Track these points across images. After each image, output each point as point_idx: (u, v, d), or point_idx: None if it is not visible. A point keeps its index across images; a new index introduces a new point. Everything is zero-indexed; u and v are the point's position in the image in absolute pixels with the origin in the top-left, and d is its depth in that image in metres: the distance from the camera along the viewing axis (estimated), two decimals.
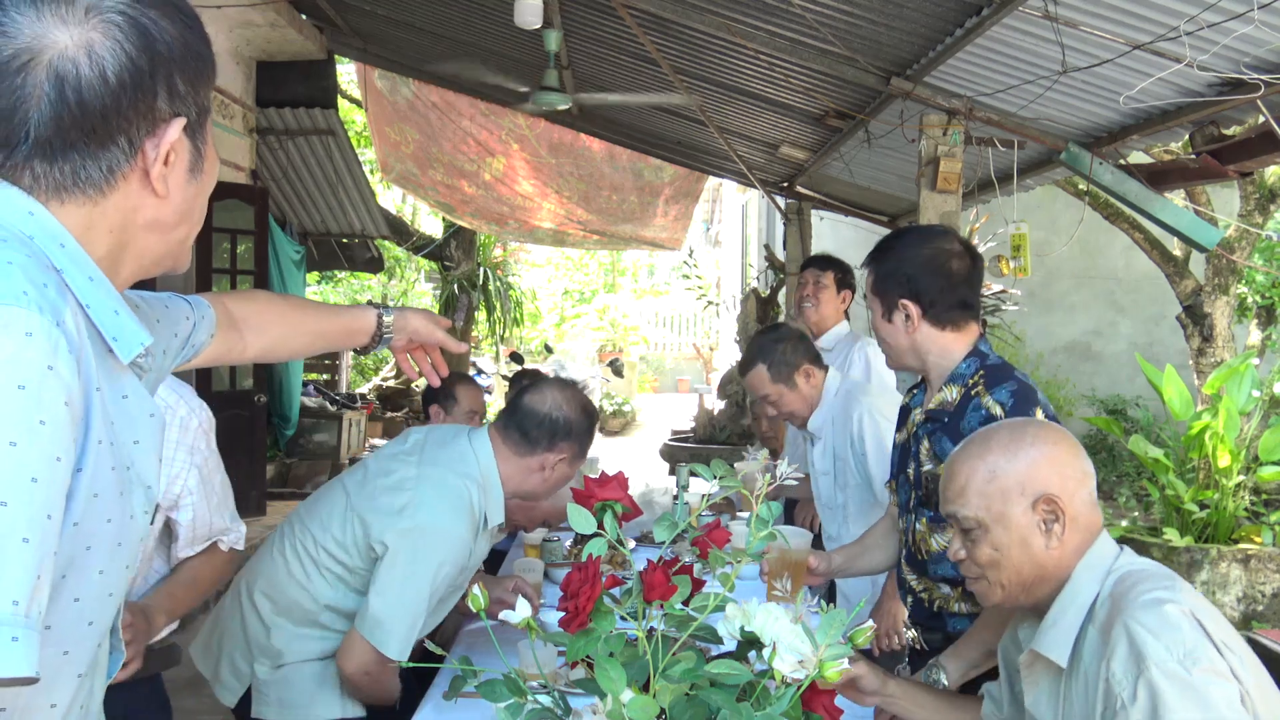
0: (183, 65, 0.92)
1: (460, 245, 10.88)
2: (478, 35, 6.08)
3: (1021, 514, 1.45)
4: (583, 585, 1.33)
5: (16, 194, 0.86)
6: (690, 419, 8.48)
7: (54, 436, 0.77)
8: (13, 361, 0.75)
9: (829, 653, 1.24)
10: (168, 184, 0.92)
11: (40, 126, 0.84)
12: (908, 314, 2.08)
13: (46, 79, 0.84)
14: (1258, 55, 2.91)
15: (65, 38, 0.84)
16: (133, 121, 0.88)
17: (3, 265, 0.79)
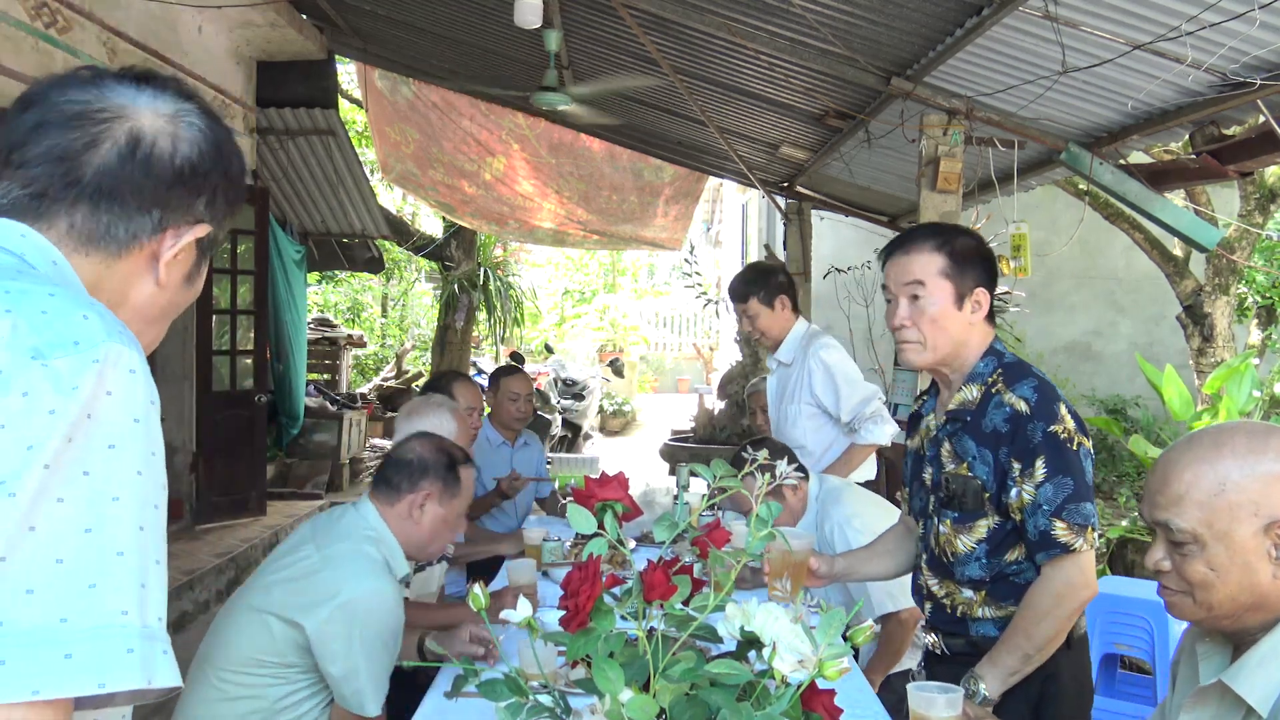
0: (228, 189, 1.02)
1: (460, 245, 10.87)
2: (478, 35, 6.08)
3: (1251, 536, 1.29)
4: (583, 585, 1.33)
5: (43, 240, 0.91)
6: (690, 419, 8.48)
7: (161, 465, 0.84)
8: (126, 397, 0.81)
9: (829, 653, 1.24)
10: (168, 276, 0.99)
11: (101, 171, 0.92)
12: (979, 304, 2.04)
13: (124, 134, 0.93)
14: (1258, 55, 2.91)
15: (152, 118, 0.95)
16: (172, 205, 0.96)
17: (85, 306, 0.84)
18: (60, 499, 0.76)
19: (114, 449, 0.79)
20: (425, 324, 15.17)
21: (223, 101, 6.56)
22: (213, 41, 6.36)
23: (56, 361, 0.78)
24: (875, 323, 8.75)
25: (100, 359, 0.80)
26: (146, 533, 0.80)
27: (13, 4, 4.35)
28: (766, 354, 4.14)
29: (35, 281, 0.85)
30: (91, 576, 0.76)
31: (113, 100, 0.94)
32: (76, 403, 0.78)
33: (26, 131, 0.93)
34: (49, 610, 0.74)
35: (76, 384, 0.78)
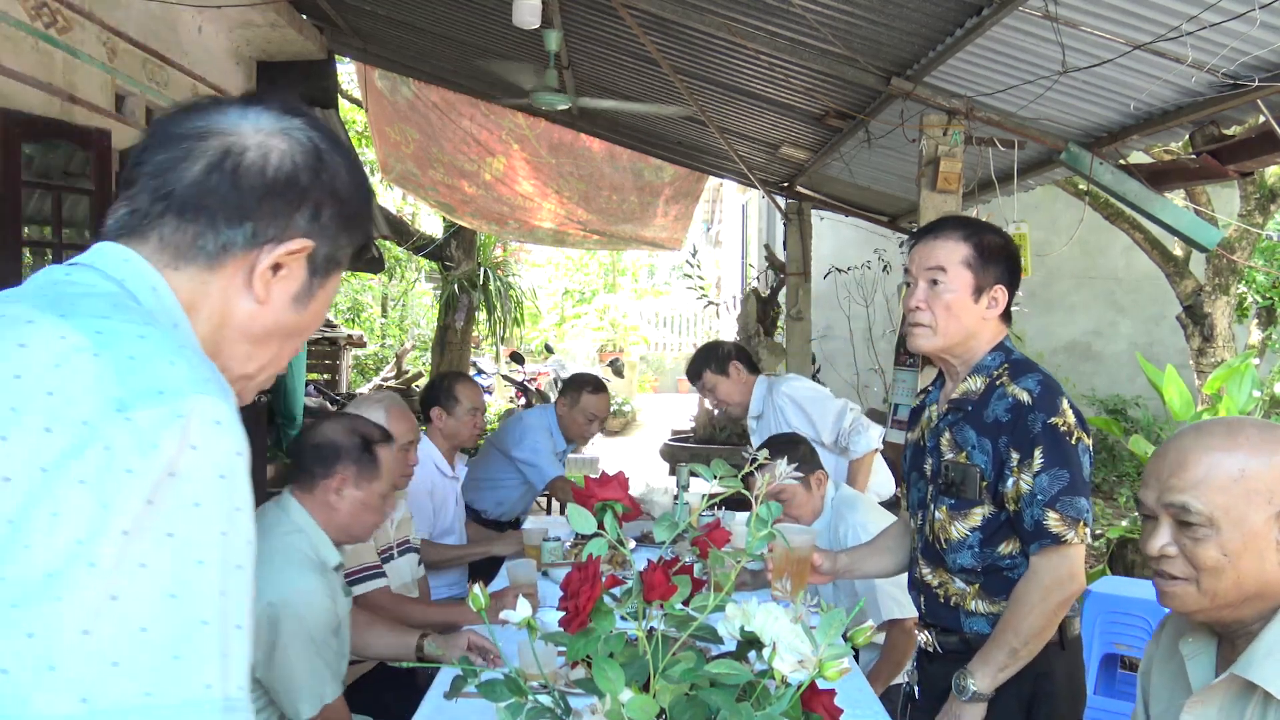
0: (335, 203, 0.99)
1: (460, 245, 10.86)
2: (478, 35, 6.08)
3: (1264, 523, 1.31)
4: (583, 585, 1.33)
5: (144, 265, 0.91)
6: (690, 419, 8.48)
7: (248, 519, 0.81)
8: (211, 451, 0.78)
9: (829, 653, 1.24)
10: (270, 293, 0.96)
11: (190, 183, 0.92)
12: (995, 300, 2.06)
13: (216, 148, 0.93)
14: (1258, 55, 2.91)
15: (251, 134, 0.95)
16: (266, 217, 0.94)
17: (174, 351, 0.82)
18: (143, 564, 0.74)
19: (199, 507, 0.77)
20: (425, 324, 15.17)
21: None
22: (213, 41, 6.36)
23: (139, 414, 0.76)
24: (875, 323, 8.76)
25: (184, 413, 0.78)
26: (228, 598, 0.77)
27: (12, 4, 4.35)
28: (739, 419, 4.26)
29: (129, 319, 0.83)
30: (176, 647, 0.74)
31: (217, 121, 0.95)
32: (158, 461, 0.76)
33: (137, 155, 0.95)
34: (135, 684, 0.72)
35: (158, 441, 0.76)
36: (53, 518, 0.73)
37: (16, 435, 0.75)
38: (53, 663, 0.71)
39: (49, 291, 0.86)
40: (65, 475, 0.74)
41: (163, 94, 5.72)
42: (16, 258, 4.31)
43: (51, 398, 0.76)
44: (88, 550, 0.72)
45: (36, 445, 0.75)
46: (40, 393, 0.76)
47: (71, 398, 0.77)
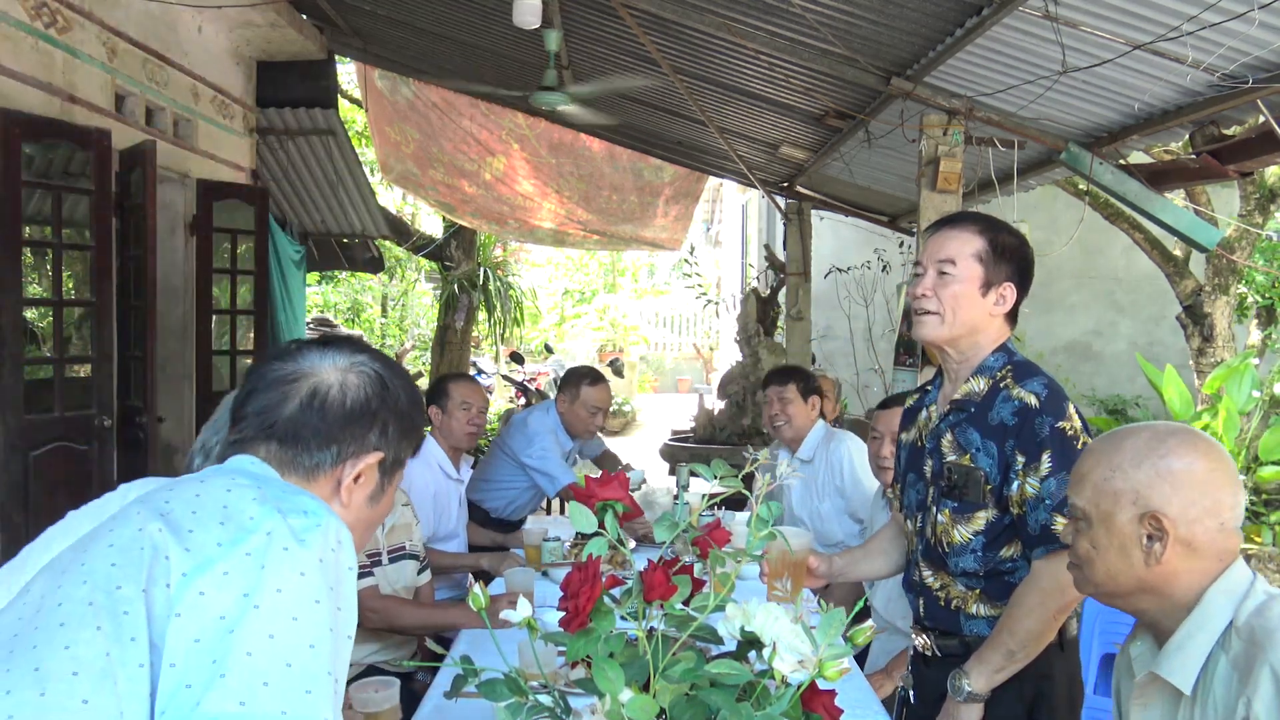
0: (398, 420, 1.27)
1: (460, 245, 10.86)
2: (478, 35, 6.08)
3: (1127, 522, 1.41)
4: (583, 585, 1.33)
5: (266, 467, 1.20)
6: (690, 419, 8.47)
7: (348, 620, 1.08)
8: (335, 562, 1.06)
9: (829, 653, 1.24)
10: (352, 497, 1.24)
11: (288, 419, 1.20)
12: (1003, 297, 2.04)
13: (307, 389, 1.21)
14: (1258, 55, 2.91)
15: (331, 374, 1.23)
16: (347, 439, 1.22)
17: (309, 496, 1.13)
18: (295, 618, 0.99)
19: (331, 591, 1.03)
20: (425, 324, 15.17)
21: (222, 101, 6.57)
22: (213, 41, 6.36)
23: (293, 520, 1.05)
24: (875, 323, 8.76)
25: (322, 524, 1.07)
26: (338, 659, 1.02)
27: (13, 4, 4.35)
28: (779, 450, 4.06)
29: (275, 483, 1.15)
30: (308, 685, 0.97)
31: (303, 365, 1.23)
32: (306, 551, 1.03)
33: (244, 398, 1.23)
34: (277, 703, 0.94)
35: (304, 539, 1.04)
36: (224, 576, 0.98)
37: (199, 528, 1.03)
38: (224, 672, 0.93)
39: (214, 480, 1.13)
40: (235, 550, 1.00)
41: (163, 94, 5.72)
42: (16, 258, 4.31)
43: (225, 509, 1.05)
44: (253, 599, 0.97)
45: (212, 531, 1.03)
46: (217, 505, 1.06)
47: (240, 508, 1.05)
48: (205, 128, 6.30)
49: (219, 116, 6.52)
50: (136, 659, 0.95)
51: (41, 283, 6.40)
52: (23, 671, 0.95)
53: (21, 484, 4.29)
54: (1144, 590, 1.42)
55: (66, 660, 0.94)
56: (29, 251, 5.08)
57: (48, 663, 0.94)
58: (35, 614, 1.00)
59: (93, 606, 0.97)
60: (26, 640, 0.97)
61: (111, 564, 1.00)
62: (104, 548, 1.02)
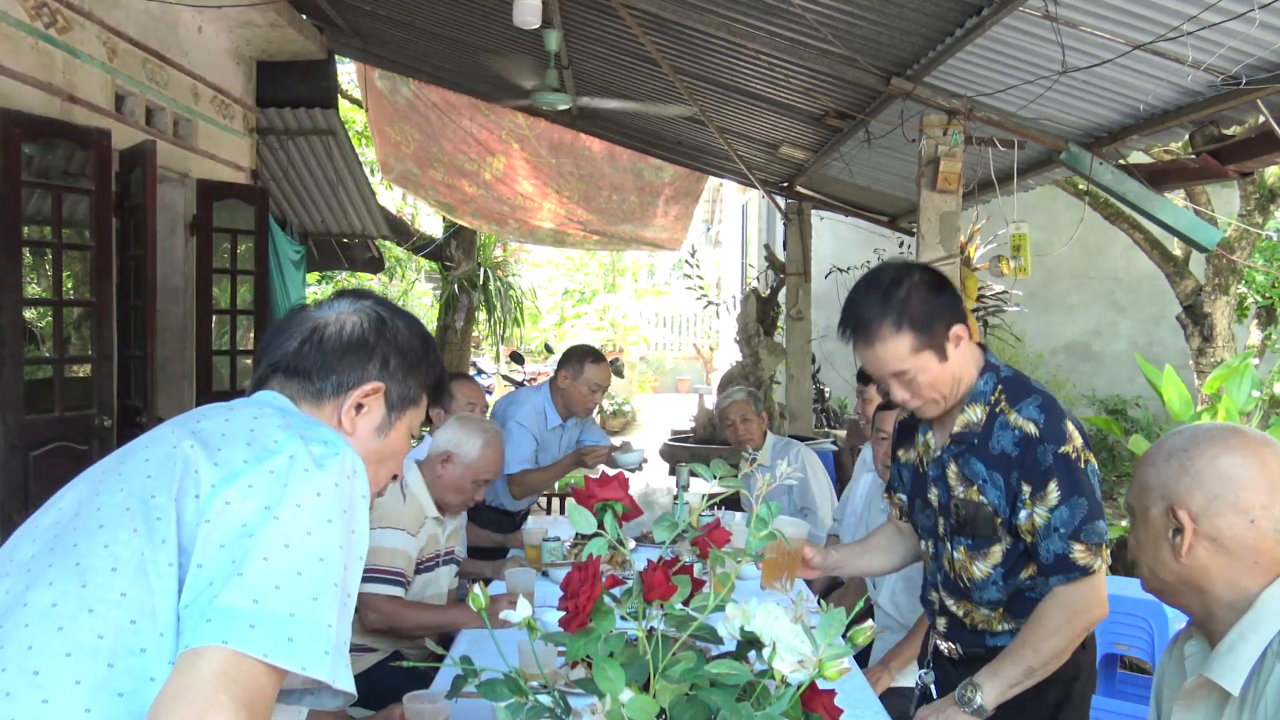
0: (399, 355, 1.36)
1: (460, 245, 10.86)
2: (478, 35, 6.08)
3: (1158, 517, 1.44)
4: (583, 585, 1.33)
5: (287, 401, 1.30)
6: (690, 419, 8.47)
7: (361, 541, 1.16)
8: (354, 485, 1.16)
9: (829, 653, 1.24)
10: (355, 426, 1.32)
11: (291, 354, 1.32)
12: (958, 338, 1.97)
13: (308, 328, 1.34)
14: (1258, 55, 2.91)
15: (334, 316, 1.35)
16: (345, 369, 1.32)
17: (328, 429, 1.22)
18: (309, 532, 1.08)
19: (344, 513, 1.12)
20: (425, 324, 15.14)
21: (222, 101, 6.56)
22: (213, 41, 6.36)
23: (314, 447, 1.15)
24: None
25: (340, 454, 1.16)
26: (348, 575, 1.11)
27: (13, 4, 4.35)
28: None
29: (296, 414, 1.26)
30: (316, 592, 1.05)
31: (311, 312, 1.36)
32: (326, 475, 1.12)
33: (263, 347, 1.37)
34: (286, 604, 1.03)
35: (324, 464, 1.13)
36: (249, 489, 1.08)
37: (227, 446, 1.13)
38: (241, 572, 1.02)
39: (241, 411, 1.23)
40: (259, 467, 1.10)
41: (163, 94, 5.71)
42: (16, 258, 4.31)
43: (252, 432, 1.16)
44: (273, 511, 1.07)
45: (239, 450, 1.13)
46: (244, 429, 1.16)
47: (266, 433, 1.16)
48: (205, 128, 6.29)
49: (219, 116, 6.52)
50: (166, 559, 1.05)
51: (41, 283, 6.40)
52: (65, 565, 1.06)
53: (21, 484, 4.29)
54: (1185, 585, 1.43)
55: (106, 557, 1.05)
56: (29, 251, 5.08)
57: (88, 558, 1.06)
58: (74, 517, 1.12)
59: (129, 511, 1.08)
60: (67, 539, 1.10)
61: (147, 476, 1.11)
62: (140, 461, 1.14)
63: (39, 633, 1.01)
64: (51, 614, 1.03)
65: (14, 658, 1.00)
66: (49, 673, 0.99)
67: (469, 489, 3.01)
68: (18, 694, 0.98)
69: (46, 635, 1.01)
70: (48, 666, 0.99)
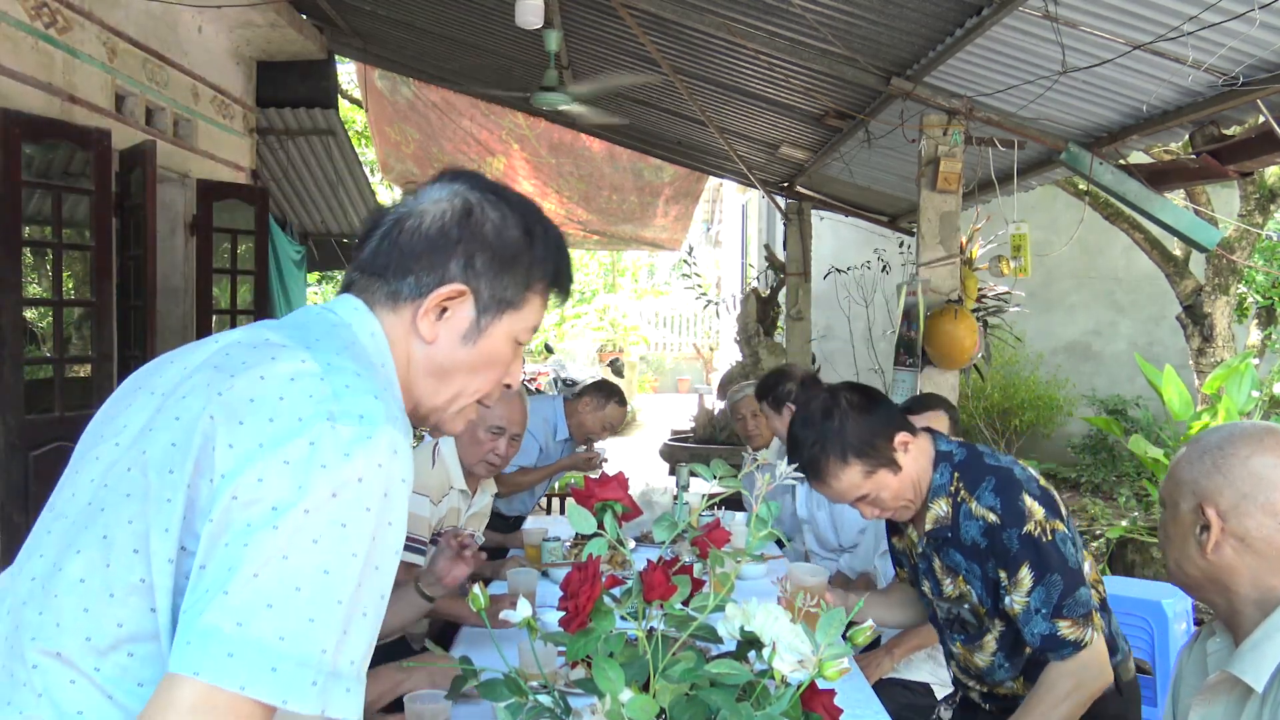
0: (487, 250, 1.15)
1: None
2: (478, 35, 6.08)
3: (1187, 512, 1.43)
4: (583, 585, 1.33)
5: (367, 313, 1.13)
6: (690, 419, 8.48)
7: (397, 534, 0.99)
8: (388, 472, 0.98)
9: (829, 653, 1.24)
10: (436, 331, 1.14)
11: (371, 252, 1.15)
12: (904, 445, 2.00)
13: (392, 221, 1.16)
14: (1258, 55, 2.91)
15: (423, 205, 1.16)
16: (426, 268, 1.13)
17: (376, 390, 1.02)
18: (315, 540, 0.92)
19: (367, 512, 0.95)
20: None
21: (222, 101, 6.56)
22: (213, 41, 6.36)
23: (342, 428, 0.96)
24: (875, 323, 8.76)
25: (374, 436, 0.97)
26: (362, 589, 0.95)
27: (13, 4, 4.35)
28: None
29: (352, 358, 1.06)
30: (314, 612, 0.92)
31: (409, 201, 1.18)
32: (349, 468, 0.95)
33: (362, 235, 1.20)
34: (276, 627, 0.90)
35: (351, 452, 0.96)
36: (258, 483, 0.94)
37: (250, 418, 0.97)
38: (227, 589, 0.90)
39: (303, 327, 1.10)
40: (274, 455, 0.95)
41: (163, 94, 5.71)
42: (16, 258, 4.31)
43: (281, 401, 0.98)
44: (278, 514, 0.92)
45: (260, 429, 0.97)
46: (275, 396, 0.99)
47: (296, 403, 0.98)
48: (205, 128, 6.29)
49: (219, 116, 6.52)
50: (166, 553, 0.96)
51: (41, 283, 6.40)
52: (93, 537, 0.99)
53: (21, 484, 4.29)
54: (1209, 582, 1.43)
55: (130, 536, 0.97)
56: (29, 251, 5.08)
57: (114, 532, 0.98)
58: (106, 471, 1.03)
59: (148, 486, 0.98)
60: (98, 503, 1.01)
61: (171, 443, 0.99)
62: (170, 420, 1.01)
63: (67, 611, 0.97)
64: (80, 591, 0.97)
65: (46, 632, 0.97)
66: (72, 654, 0.96)
67: (482, 439, 2.92)
68: (45, 668, 0.96)
69: (74, 616, 0.97)
70: (70, 649, 0.96)
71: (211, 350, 1.09)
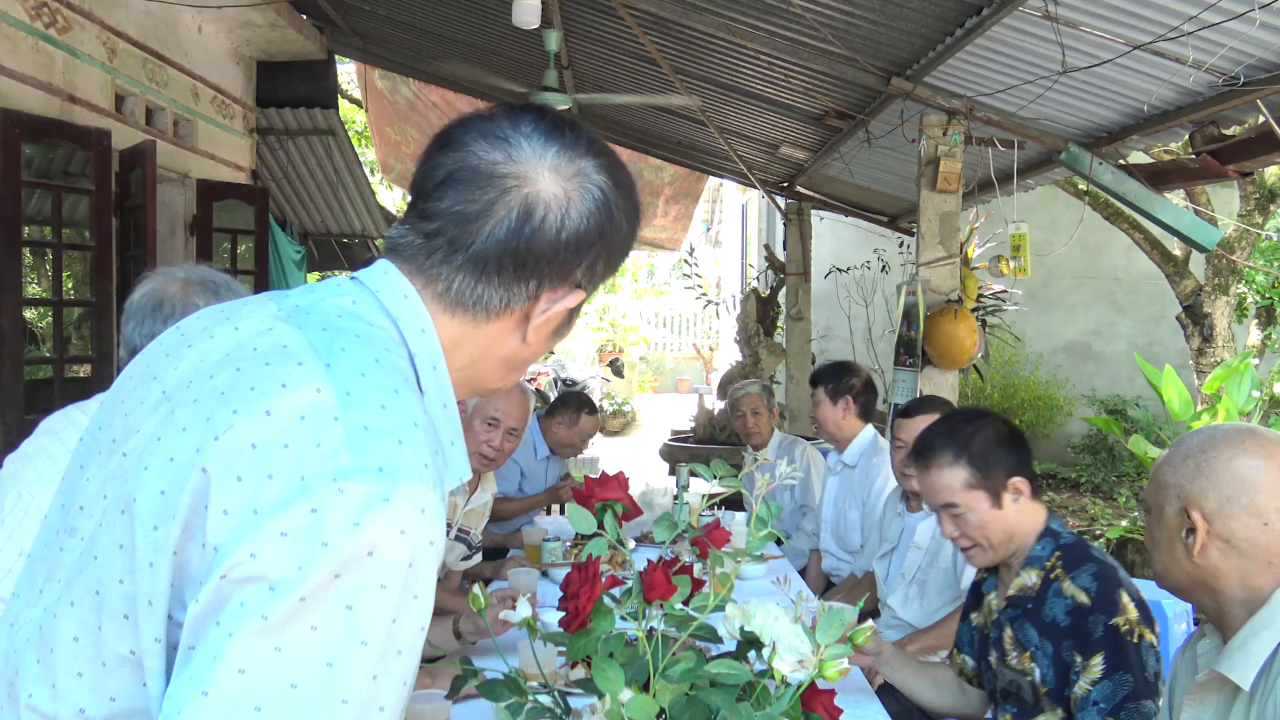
0: (611, 253, 1.01)
1: None
2: (478, 35, 6.08)
3: (1172, 516, 1.44)
4: (583, 585, 1.33)
5: (420, 307, 0.95)
6: (690, 419, 8.48)
7: (424, 607, 0.83)
8: (411, 540, 0.80)
9: (829, 653, 1.24)
10: (536, 336, 1.00)
11: (488, 240, 0.93)
12: (1018, 491, 1.99)
13: (519, 205, 0.93)
14: (1258, 55, 2.91)
15: (552, 184, 0.95)
16: (550, 273, 0.96)
17: (408, 425, 0.84)
18: (314, 628, 0.77)
19: (383, 590, 0.79)
20: None
21: (222, 101, 6.56)
22: (213, 41, 6.36)
23: (352, 488, 0.79)
24: (875, 323, 8.76)
25: (392, 498, 0.79)
26: (379, 681, 0.79)
27: (13, 4, 4.35)
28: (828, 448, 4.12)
29: (382, 378, 0.87)
30: (314, 714, 0.77)
31: (520, 162, 0.94)
32: (358, 540, 0.78)
33: (438, 182, 0.95)
34: None
35: (362, 520, 0.78)
36: (251, 559, 0.77)
37: (249, 475, 0.80)
38: (207, 690, 0.75)
39: (330, 326, 0.91)
40: (272, 524, 0.78)
41: (163, 94, 5.71)
42: (16, 258, 4.31)
43: (286, 450, 0.81)
44: (269, 602, 0.76)
45: (258, 490, 0.79)
46: (279, 444, 0.81)
47: (302, 454, 0.80)
48: (205, 128, 6.29)
49: (219, 116, 6.52)
50: (152, 631, 0.83)
51: (41, 283, 6.40)
52: (86, 589, 0.87)
53: None
54: (1197, 584, 1.44)
55: (120, 599, 0.84)
56: (29, 251, 5.08)
57: (105, 589, 0.85)
58: (108, 494, 0.89)
59: (134, 543, 0.84)
60: (94, 543, 0.88)
61: (161, 491, 0.83)
62: (164, 460, 0.85)
63: (61, 672, 0.87)
64: (73, 651, 0.86)
65: (42, 693, 0.87)
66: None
67: (478, 430, 2.89)
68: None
69: (69, 680, 0.86)
70: (65, 718, 0.86)
71: (225, 346, 0.92)
